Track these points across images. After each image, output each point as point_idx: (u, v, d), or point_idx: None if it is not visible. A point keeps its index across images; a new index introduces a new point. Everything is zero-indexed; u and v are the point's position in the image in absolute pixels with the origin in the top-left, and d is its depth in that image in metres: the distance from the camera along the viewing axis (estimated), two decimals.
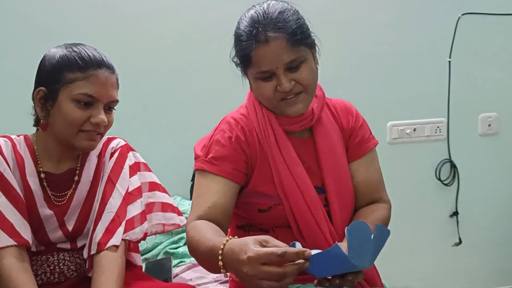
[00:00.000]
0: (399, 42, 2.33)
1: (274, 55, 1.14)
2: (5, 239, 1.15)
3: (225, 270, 0.97)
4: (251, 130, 1.24)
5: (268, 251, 0.89)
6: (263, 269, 0.88)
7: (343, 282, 1.01)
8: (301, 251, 0.90)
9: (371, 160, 1.35)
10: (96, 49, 1.28)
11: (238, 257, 0.91)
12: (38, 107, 1.25)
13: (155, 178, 1.44)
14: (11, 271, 1.13)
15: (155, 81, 2.13)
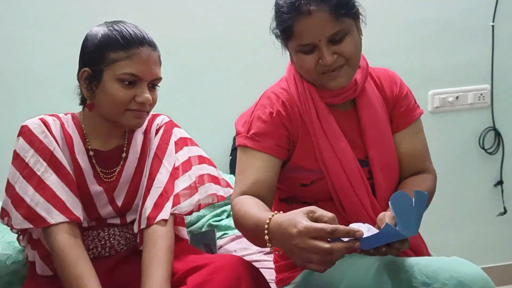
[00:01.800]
0: (440, 8, 2.24)
1: (316, 28, 1.12)
2: (57, 216, 1.20)
3: (271, 244, 0.98)
4: (292, 105, 1.23)
5: (318, 226, 0.89)
6: (311, 243, 0.89)
7: (389, 250, 1.01)
8: (352, 230, 0.89)
9: (416, 130, 1.33)
10: (137, 26, 1.29)
11: (287, 231, 0.92)
12: (83, 87, 1.28)
13: (202, 151, 1.45)
14: (64, 247, 1.18)
15: (195, 55, 2.13)
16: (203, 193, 1.37)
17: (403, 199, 0.97)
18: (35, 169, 1.23)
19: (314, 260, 0.91)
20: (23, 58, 2.03)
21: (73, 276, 1.14)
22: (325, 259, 0.90)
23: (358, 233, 0.90)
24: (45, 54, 2.03)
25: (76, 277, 1.14)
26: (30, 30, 2.02)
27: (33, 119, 1.29)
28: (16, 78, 2.03)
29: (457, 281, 0.97)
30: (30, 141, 1.25)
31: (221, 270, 1.12)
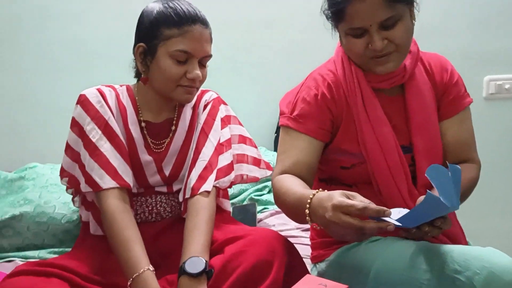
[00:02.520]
0: None
1: (368, 12, 1.11)
2: (109, 181, 1.27)
3: (310, 219, 1.03)
4: (337, 87, 1.24)
5: (349, 203, 0.93)
6: (343, 218, 0.93)
7: (432, 229, 1.02)
8: (381, 209, 0.92)
9: (464, 119, 1.31)
10: (191, 3, 1.33)
11: (324, 204, 0.97)
12: (138, 62, 1.34)
13: (244, 131, 1.51)
14: (114, 211, 1.25)
15: (242, 33, 2.16)
16: (239, 171, 1.45)
17: (440, 171, 0.98)
18: (90, 136, 1.31)
19: (347, 234, 0.95)
20: (82, 30, 2.14)
21: (120, 239, 1.22)
22: (358, 235, 0.95)
23: (387, 212, 0.92)
24: (102, 27, 2.13)
25: (123, 241, 1.21)
26: (88, 3, 2.12)
27: (91, 89, 1.37)
28: (76, 49, 2.15)
29: (489, 271, 0.98)
30: (87, 110, 1.33)
31: (257, 242, 1.17)
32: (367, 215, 0.93)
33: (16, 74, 2.14)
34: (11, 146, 2.13)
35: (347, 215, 0.93)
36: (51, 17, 2.12)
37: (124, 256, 1.18)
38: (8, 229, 1.62)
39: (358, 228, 0.93)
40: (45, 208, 1.65)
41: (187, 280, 1.13)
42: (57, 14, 2.12)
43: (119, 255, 1.20)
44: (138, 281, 1.13)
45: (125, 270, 1.17)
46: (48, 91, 2.15)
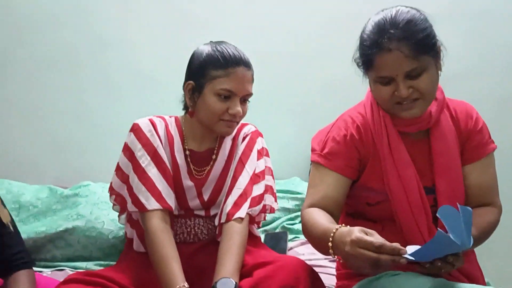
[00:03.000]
0: None
1: (395, 64, 1.20)
2: (153, 203, 1.41)
3: (333, 252, 1.12)
4: (366, 129, 1.33)
5: (368, 239, 1.02)
6: (360, 251, 1.02)
7: (444, 265, 1.08)
8: (397, 248, 1.00)
9: (486, 165, 1.36)
10: (236, 47, 1.47)
11: (344, 239, 1.06)
12: (187, 97, 1.50)
13: (270, 163, 1.62)
14: (156, 230, 1.38)
15: (283, 66, 2.29)
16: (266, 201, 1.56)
17: (450, 211, 1.05)
18: (140, 161, 1.46)
19: (364, 267, 1.04)
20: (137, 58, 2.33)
21: (160, 256, 1.34)
22: (374, 267, 1.03)
23: (402, 250, 1.00)
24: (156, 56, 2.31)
25: (162, 258, 1.34)
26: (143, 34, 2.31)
27: (144, 119, 1.52)
28: (130, 76, 2.33)
29: None
30: (139, 137, 1.48)
31: (284, 268, 1.27)
32: (383, 252, 1.01)
33: (75, 96, 2.33)
34: (68, 164, 2.31)
35: (364, 249, 1.02)
36: (109, 45, 2.32)
37: (163, 272, 1.30)
38: (61, 241, 1.80)
39: (373, 260, 1.01)
40: (95, 223, 1.82)
41: None
42: (114, 42, 2.32)
43: (158, 270, 1.32)
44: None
45: (163, 285, 1.29)
46: (103, 113, 2.33)
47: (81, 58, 2.33)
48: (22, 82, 2.31)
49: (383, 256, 1.01)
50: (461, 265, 1.12)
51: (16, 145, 2.25)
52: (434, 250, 1.06)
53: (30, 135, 2.31)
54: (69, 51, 2.32)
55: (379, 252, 1.00)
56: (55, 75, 2.32)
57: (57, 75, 2.32)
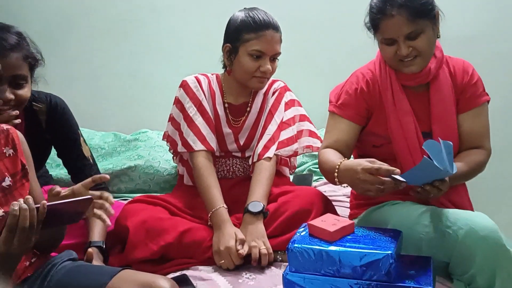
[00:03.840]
0: None
1: (396, 27, 1.42)
2: (199, 145, 1.72)
3: (338, 180, 1.39)
4: (374, 83, 1.56)
5: (374, 166, 1.28)
6: (369, 177, 1.27)
7: (432, 188, 1.32)
8: (391, 168, 1.26)
9: (478, 114, 1.56)
10: (266, 12, 1.71)
11: (354, 168, 1.30)
12: (225, 58, 1.77)
13: (305, 112, 1.89)
14: (202, 167, 1.69)
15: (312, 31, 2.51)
16: (301, 143, 1.84)
17: (433, 144, 1.27)
18: (188, 112, 1.76)
19: (370, 189, 1.29)
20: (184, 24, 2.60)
21: (205, 185, 1.65)
22: (378, 189, 1.28)
23: (396, 170, 1.26)
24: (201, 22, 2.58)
25: (206, 186, 1.65)
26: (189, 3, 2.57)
27: (190, 77, 1.82)
28: (178, 40, 2.62)
29: (470, 227, 1.28)
30: (187, 92, 1.78)
31: (302, 195, 1.58)
32: (381, 173, 1.27)
33: (131, 59, 2.64)
34: (129, 115, 2.64)
35: (372, 175, 1.28)
36: (160, 12, 2.59)
37: (206, 197, 1.63)
38: (125, 176, 2.16)
39: (380, 183, 1.27)
40: (152, 163, 2.16)
41: (249, 216, 1.56)
42: (164, 10, 2.58)
43: (203, 196, 1.65)
44: (215, 213, 1.57)
45: (207, 207, 1.62)
46: (155, 73, 2.63)
47: (136, 25, 2.61)
48: (86, 46, 2.63)
49: (387, 180, 1.27)
50: (446, 189, 1.34)
51: (85, 98, 2.58)
52: (422, 174, 1.27)
53: (96, 91, 2.66)
54: (125, 18, 2.61)
55: (377, 172, 1.26)
56: (113, 40, 2.63)
57: (116, 40, 2.63)
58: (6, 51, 1.34)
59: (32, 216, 1.00)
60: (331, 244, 1.19)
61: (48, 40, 2.50)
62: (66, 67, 2.59)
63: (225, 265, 1.47)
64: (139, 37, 2.63)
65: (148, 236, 1.51)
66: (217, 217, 1.56)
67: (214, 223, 1.57)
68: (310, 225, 1.26)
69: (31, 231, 1.00)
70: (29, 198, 1.02)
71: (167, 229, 1.52)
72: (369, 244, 1.17)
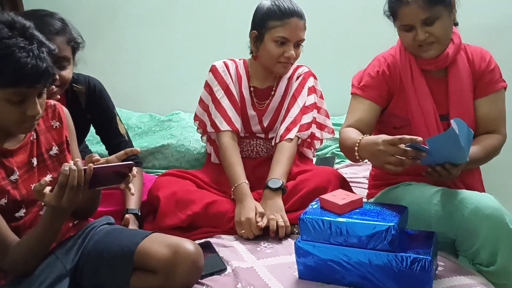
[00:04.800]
0: None
1: (413, 13, 1.48)
2: (225, 126, 1.83)
3: (358, 155, 1.43)
4: (395, 67, 1.62)
5: (393, 137, 1.30)
6: (390, 148, 1.28)
7: (442, 169, 1.37)
8: (414, 137, 1.25)
9: (494, 99, 1.60)
10: (291, 0, 1.78)
11: (375, 141, 1.33)
12: (252, 44, 1.86)
13: (320, 102, 1.98)
14: (227, 145, 1.80)
15: (334, 20, 2.57)
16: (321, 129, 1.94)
17: (462, 123, 1.24)
18: (216, 94, 1.86)
19: (391, 160, 1.29)
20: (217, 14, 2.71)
21: (229, 163, 1.77)
22: (399, 161, 1.28)
23: (419, 139, 1.24)
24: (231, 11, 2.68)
25: (230, 164, 1.76)
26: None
27: (219, 62, 1.92)
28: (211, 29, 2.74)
29: (475, 206, 1.35)
30: (215, 76, 1.89)
31: (319, 174, 1.69)
32: (405, 142, 1.26)
33: (168, 45, 2.78)
34: (163, 98, 2.79)
35: (392, 146, 1.28)
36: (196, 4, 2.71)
37: (230, 173, 1.75)
38: (159, 154, 2.30)
39: (402, 152, 1.26)
40: (184, 142, 2.30)
41: (268, 192, 1.67)
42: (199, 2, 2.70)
43: (227, 172, 1.76)
44: (238, 188, 1.69)
45: (230, 182, 1.74)
46: (188, 59, 2.76)
47: (172, 13, 2.74)
48: (128, 33, 2.79)
49: (408, 151, 1.27)
50: (456, 174, 1.39)
51: (125, 82, 2.75)
52: (441, 148, 1.26)
53: (134, 75, 2.82)
54: (164, 8, 2.75)
55: (401, 141, 1.26)
56: (152, 27, 2.77)
57: (154, 27, 2.77)
58: (52, 35, 1.47)
59: (80, 177, 1.13)
60: (339, 216, 1.29)
61: (93, 28, 2.70)
62: (109, 52, 2.76)
63: (245, 235, 1.59)
64: (174, 25, 2.76)
65: (177, 206, 1.65)
66: (239, 191, 1.68)
67: (236, 197, 1.69)
68: (321, 198, 1.36)
69: (78, 189, 1.13)
70: (78, 160, 1.15)
71: (194, 200, 1.66)
72: (374, 217, 1.26)
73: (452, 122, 1.27)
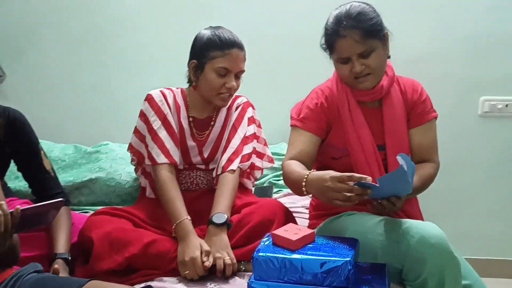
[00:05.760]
0: (494, 23, 2.47)
1: (349, 46, 1.52)
2: (163, 158, 1.75)
3: (305, 189, 1.43)
4: (332, 99, 1.66)
5: (342, 174, 1.32)
6: (338, 185, 1.30)
7: (387, 203, 1.40)
8: (363, 176, 1.30)
9: (427, 128, 1.68)
10: (231, 31, 1.77)
11: (322, 177, 1.34)
12: (191, 73, 1.81)
13: (258, 131, 1.95)
14: (165, 180, 1.72)
15: (275, 48, 2.59)
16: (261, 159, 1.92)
17: (406, 158, 1.28)
18: (153, 125, 1.79)
19: (339, 197, 1.31)
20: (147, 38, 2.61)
21: (168, 198, 1.68)
22: (346, 197, 1.30)
23: (368, 178, 1.28)
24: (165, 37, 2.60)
25: (169, 199, 1.68)
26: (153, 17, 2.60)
27: (156, 90, 1.85)
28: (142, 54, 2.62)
29: (421, 235, 1.37)
30: (152, 106, 1.81)
31: (264, 207, 1.64)
32: (355, 179, 1.29)
33: (95, 71, 2.63)
34: (90, 127, 2.63)
35: (340, 183, 1.31)
36: (125, 26, 2.59)
37: (171, 209, 1.66)
38: (86, 189, 2.14)
39: (348, 190, 1.29)
40: (114, 175, 2.16)
41: (213, 227, 1.59)
42: (130, 24, 2.59)
43: (167, 208, 1.67)
44: (180, 225, 1.60)
45: (171, 219, 1.64)
46: (119, 85, 2.62)
47: (99, 37, 2.61)
48: (48, 58, 2.61)
49: (355, 187, 1.30)
50: (400, 206, 1.43)
51: (47, 111, 2.56)
52: (390, 184, 1.31)
53: (58, 103, 2.63)
54: (88, 30, 2.60)
55: (350, 179, 1.29)
56: (75, 52, 2.61)
57: (78, 52, 2.61)
58: None
59: (7, 221, 1.03)
60: (294, 252, 1.25)
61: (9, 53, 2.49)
62: (27, 78, 2.57)
63: (189, 275, 1.50)
64: (102, 50, 2.63)
65: (112, 248, 1.52)
66: (181, 229, 1.60)
67: (178, 234, 1.60)
68: (273, 234, 1.32)
69: (5, 234, 1.03)
70: (2, 203, 1.04)
71: (132, 241, 1.54)
72: (329, 252, 1.24)
73: (399, 159, 1.31)
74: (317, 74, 1.78)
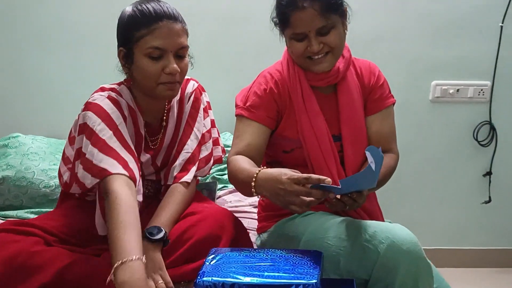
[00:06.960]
0: (451, 4, 2.37)
1: (308, 21, 1.33)
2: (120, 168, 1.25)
3: (255, 191, 1.22)
4: (283, 84, 1.45)
5: (300, 175, 1.13)
6: (295, 187, 1.12)
7: (349, 199, 1.22)
8: (322, 177, 1.11)
9: (386, 115, 1.52)
10: (160, 2, 1.37)
11: (277, 178, 1.15)
12: (122, 65, 1.41)
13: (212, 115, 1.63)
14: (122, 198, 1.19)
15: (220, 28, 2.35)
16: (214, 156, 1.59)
17: (376, 151, 1.12)
18: (100, 135, 1.30)
19: (295, 202, 1.14)
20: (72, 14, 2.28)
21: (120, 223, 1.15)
22: (304, 202, 1.14)
23: (327, 180, 1.11)
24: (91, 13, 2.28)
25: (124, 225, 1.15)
26: None
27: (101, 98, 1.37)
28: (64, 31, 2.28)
29: (391, 241, 1.20)
30: (99, 114, 1.33)
31: (209, 218, 1.34)
32: (311, 182, 1.12)
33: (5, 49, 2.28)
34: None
35: (297, 185, 1.13)
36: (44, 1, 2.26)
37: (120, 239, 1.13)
38: None
39: (306, 193, 1.12)
40: (25, 173, 1.84)
41: (146, 243, 1.26)
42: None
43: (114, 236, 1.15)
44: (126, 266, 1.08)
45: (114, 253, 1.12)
46: (34, 68, 2.28)
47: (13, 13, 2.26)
48: None
49: (314, 190, 1.13)
50: (362, 202, 1.25)
51: None
52: (355, 183, 1.16)
53: None
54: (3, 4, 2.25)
55: (307, 181, 1.12)
56: None
57: None
58: None
59: None
60: (247, 275, 1.01)
61: None
62: None
63: None
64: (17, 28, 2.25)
65: (18, 277, 1.19)
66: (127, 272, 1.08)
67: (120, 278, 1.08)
68: None
69: None
70: None
71: (42, 266, 1.20)
72: (290, 272, 1.02)
73: (368, 154, 1.13)
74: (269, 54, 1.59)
